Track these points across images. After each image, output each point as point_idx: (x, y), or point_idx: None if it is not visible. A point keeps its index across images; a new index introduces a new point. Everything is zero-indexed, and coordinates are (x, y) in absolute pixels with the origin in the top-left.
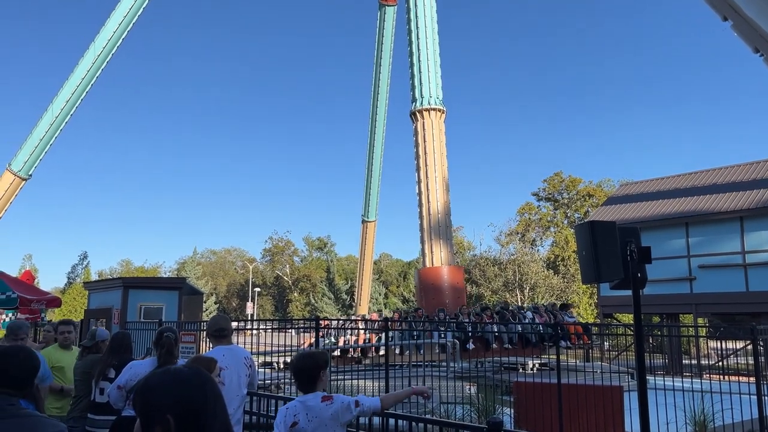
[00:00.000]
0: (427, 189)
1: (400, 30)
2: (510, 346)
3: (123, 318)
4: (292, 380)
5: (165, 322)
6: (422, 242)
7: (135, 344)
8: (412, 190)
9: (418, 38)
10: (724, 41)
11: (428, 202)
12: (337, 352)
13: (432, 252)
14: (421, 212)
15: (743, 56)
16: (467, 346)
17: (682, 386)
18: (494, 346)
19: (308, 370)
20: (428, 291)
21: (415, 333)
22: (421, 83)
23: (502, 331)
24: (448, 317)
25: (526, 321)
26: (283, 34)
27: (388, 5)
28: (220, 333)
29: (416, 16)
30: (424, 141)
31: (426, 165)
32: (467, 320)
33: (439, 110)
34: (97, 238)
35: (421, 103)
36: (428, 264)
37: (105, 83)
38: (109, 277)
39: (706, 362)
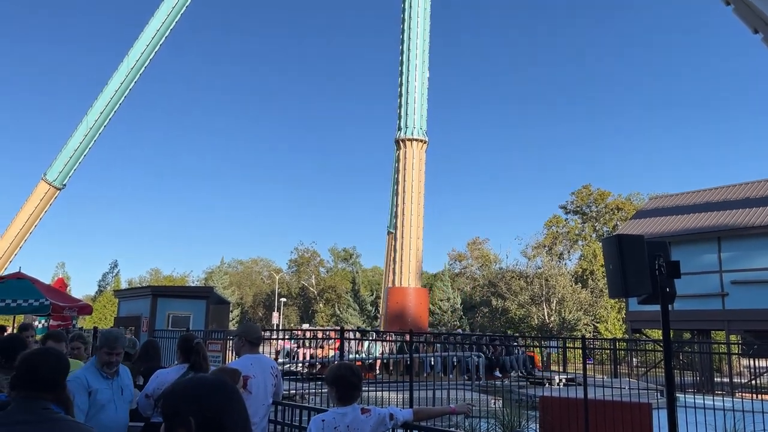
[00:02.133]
0: (403, 214)
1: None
2: (521, 373)
3: (151, 326)
4: (318, 391)
5: (192, 330)
6: (393, 262)
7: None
8: (434, 202)
9: (408, 69)
10: (758, 55)
11: (402, 226)
12: (377, 364)
13: (401, 272)
14: (395, 234)
15: None
16: (495, 373)
17: (713, 405)
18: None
19: (347, 380)
20: (394, 308)
21: (454, 352)
22: (407, 113)
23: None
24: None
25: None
26: (314, 40)
27: None
28: (257, 341)
29: (408, 49)
30: (404, 169)
31: (404, 192)
32: (488, 349)
33: (422, 141)
34: (127, 247)
35: (405, 133)
36: (397, 283)
37: (134, 98)
38: (139, 285)
39: (739, 380)
